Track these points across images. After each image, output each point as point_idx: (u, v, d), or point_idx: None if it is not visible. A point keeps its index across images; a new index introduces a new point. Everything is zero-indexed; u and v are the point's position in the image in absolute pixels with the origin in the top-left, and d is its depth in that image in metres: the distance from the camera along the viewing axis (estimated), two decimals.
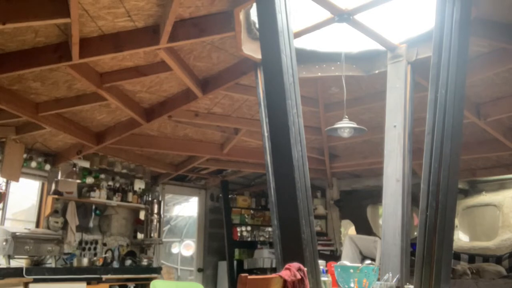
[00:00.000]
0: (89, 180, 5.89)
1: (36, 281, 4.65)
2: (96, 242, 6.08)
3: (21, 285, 4.54)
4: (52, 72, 3.65)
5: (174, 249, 8.56)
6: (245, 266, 7.09)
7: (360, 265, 2.68)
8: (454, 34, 2.57)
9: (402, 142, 3.34)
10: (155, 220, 6.48)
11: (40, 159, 5.43)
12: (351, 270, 2.55)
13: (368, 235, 6.28)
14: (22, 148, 5.07)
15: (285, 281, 1.98)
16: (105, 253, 6.04)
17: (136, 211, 6.59)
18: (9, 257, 4.68)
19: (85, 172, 5.88)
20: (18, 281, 4.52)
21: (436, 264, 2.40)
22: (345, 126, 3.58)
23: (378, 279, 2.63)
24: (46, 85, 3.91)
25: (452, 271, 4.96)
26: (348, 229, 8.13)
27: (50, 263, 5.28)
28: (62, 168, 5.59)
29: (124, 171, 6.29)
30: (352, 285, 2.51)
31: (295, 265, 2.13)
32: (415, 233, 4.24)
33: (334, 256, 6.60)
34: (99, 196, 5.86)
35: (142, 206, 6.48)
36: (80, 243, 5.84)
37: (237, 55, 3.67)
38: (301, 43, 3.76)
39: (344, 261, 3.11)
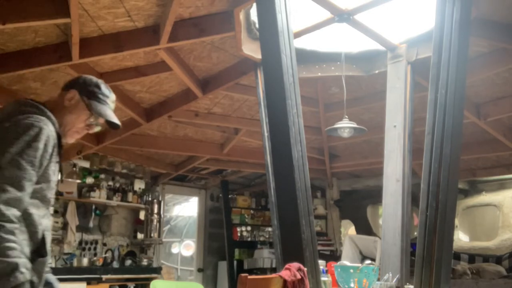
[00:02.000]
0: (89, 180, 5.88)
1: None
2: (96, 242, 6.08)
3: None
4: (52, 72, 3.65)
5: (174, 249, 8.56)
6: (245, 266, 7.08)
7: (360, 265, 2.68)
8: (454, 34, 2.57)
9: (402, 142, 3.33)
10: (155, 220, 6.48)
11: None
12: (351, 270, 2.54)
13: (368, 235, 6.28)
14: None
15: (285, 281, 1.98)
16: (105, 253, 6.04)
17: (136, 211, 6.59)
18: None
19: (85, 172, 5.88)
20: None
21: (436, 264, 2.40)
22: (345, 126, 3.58)
23: (378, 279, 2.63)
24: (46, 85, 3.91)
25: (452, 271, 4.95)
26: (348, 229, 8.13)
27: (50, 263, 5.26)
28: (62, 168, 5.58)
29: (124, 171, 6.29)
30: (352, 285, 2.51)
31: (295, 265, 2.13)
32: (415, 233, 4.24)
33: (334, 256, 6.60)
34: (99, 196, 5.86)
35: (142, 206, 6.48)
36: (80, 243, 5.84)
37: (237, 55, 3.67)
38: (301, 43, 3.75)
39: (344, 261, 3.11)
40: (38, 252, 1.52)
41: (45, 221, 1.56)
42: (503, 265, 5.42)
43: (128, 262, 6.04)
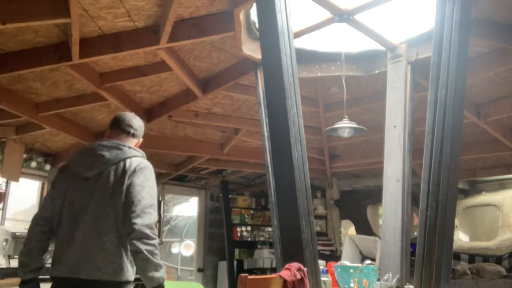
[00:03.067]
0: None
1: None
2: None
3: None
4: (52, 72, 3.65)
5: (174, 249, 8.54)
6: (245, 266, 7.08)
7: (360, 265, 2.69)
8: (454, 34, 2.57)
9: (402, 142, 3.33)
10: None
11: (40, 159, 5.43)
12: (351, 270, 2.55)
13: (368, 235, 6.28)
14: (22, 148, 5.06)
15: (285, 281, 1.98)
16: None
17: None
18: (9, 257, 4.67)
19: None
20: (18, 281, 4.48)
21: (436, 264, 2.40)
22: (345, 126, 3.58)
23: (378, 279, 2.63)
24: (46, 85, 3.91)
25: (452, 271, 4.96)
26: (348, 229, 8.13)
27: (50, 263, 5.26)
28: None
29: None
30: (352, 285, 2.51)
31: (295, 265, 2.14)
32: (415, 233, 4.25)
33: (334, 256, 6.60)
34: None
35: None
36: None
37: (237, 55, 3.67)
38: (301, 43, 3.75)
39: (344, 261, 3.12)
40: None
41: None
42: (503, 265, 5.42)
43: None
